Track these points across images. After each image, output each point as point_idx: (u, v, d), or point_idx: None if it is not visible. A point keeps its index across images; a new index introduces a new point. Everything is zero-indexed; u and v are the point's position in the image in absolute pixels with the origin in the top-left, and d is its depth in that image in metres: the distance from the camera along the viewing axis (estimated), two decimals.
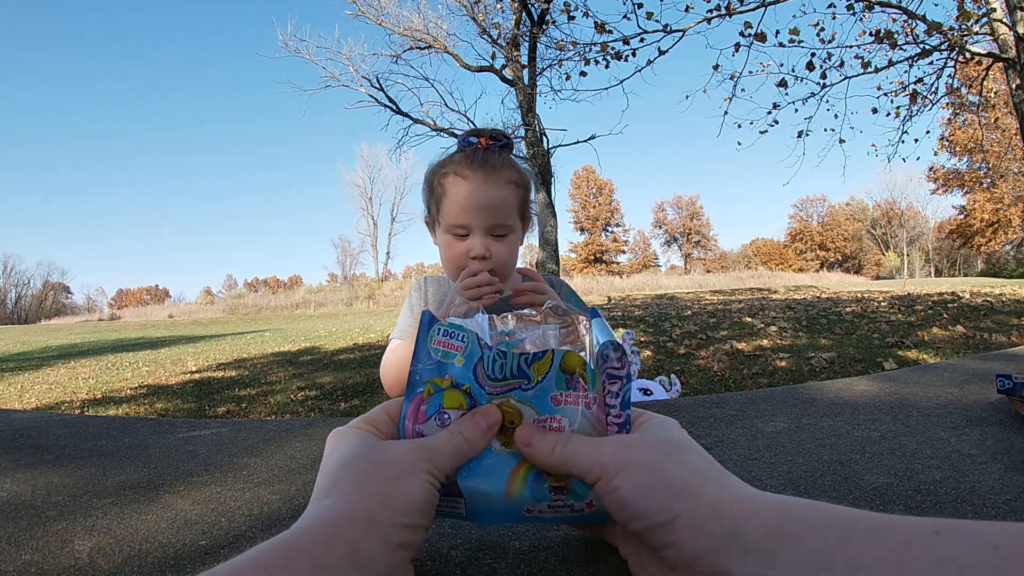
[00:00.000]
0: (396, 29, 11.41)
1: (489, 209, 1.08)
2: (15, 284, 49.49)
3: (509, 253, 1.13)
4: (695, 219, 52.84)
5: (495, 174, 1.09)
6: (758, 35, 6.24)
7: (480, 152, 1.11)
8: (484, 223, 1.09)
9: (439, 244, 1.17)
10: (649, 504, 0.34)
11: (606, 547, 0.52)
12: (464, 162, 1.10)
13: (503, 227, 1.10)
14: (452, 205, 1.10)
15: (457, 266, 1.12)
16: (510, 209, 1.11)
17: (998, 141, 24.18)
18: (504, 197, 1.10)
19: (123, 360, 7.52)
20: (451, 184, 1.10)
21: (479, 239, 1.09)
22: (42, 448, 0.98)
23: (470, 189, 1.08)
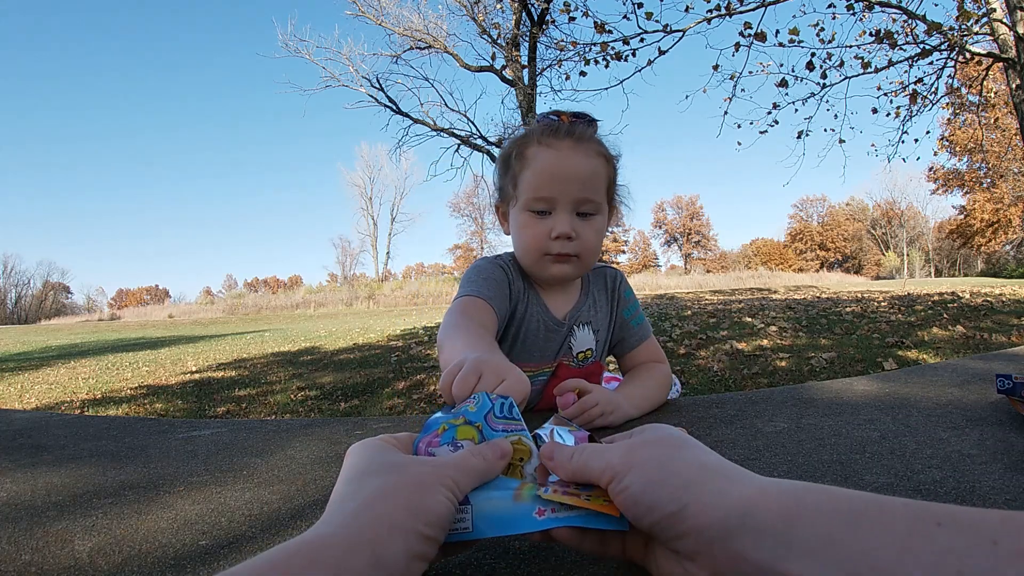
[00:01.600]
0: (396, 29, 11.41)
1: (578, 180, 0.94)
2: (15, 284, 49.50)
3: (597, 237, 0.98)
4: (695, 219, 52.84)
5: (584, 143, 0.96)
6: (758, 35, 6.24)
7: (565, 124, 0.98)
8: (571, 196, 0.94)
9: (514, 226, 1.02)
10: (658, 497, 0.35)
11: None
12: (548, 131, 0.97)
13: (591, 203, 0.96)
14: (535, 176, 0.95)
15: (537, 249, 0.97)
16: (600, 184, 0.97)
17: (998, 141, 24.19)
18: (594, 168, 0.96)
19: (123, 360, 7.52)
20: (534, 154, 0.96)
21: (565, 216, 0.94)
22: (42, 448, 0.99)
23: (556, 156, 0.94)
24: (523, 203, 0.97)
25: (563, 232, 0.94)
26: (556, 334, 1.06)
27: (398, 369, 5.15)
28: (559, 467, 0.43)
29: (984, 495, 0.58)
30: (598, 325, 1.11)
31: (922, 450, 0.72)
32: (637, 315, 1.14)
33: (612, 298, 1.13)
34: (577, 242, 0.96)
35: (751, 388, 3.74)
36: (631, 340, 1.13)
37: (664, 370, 1.08)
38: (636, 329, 1.13)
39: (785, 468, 0.68)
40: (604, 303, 1.12)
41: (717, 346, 5.07)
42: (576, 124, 0.98)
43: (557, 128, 0.97)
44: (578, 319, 1.08)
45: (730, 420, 0.91)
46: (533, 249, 0.98)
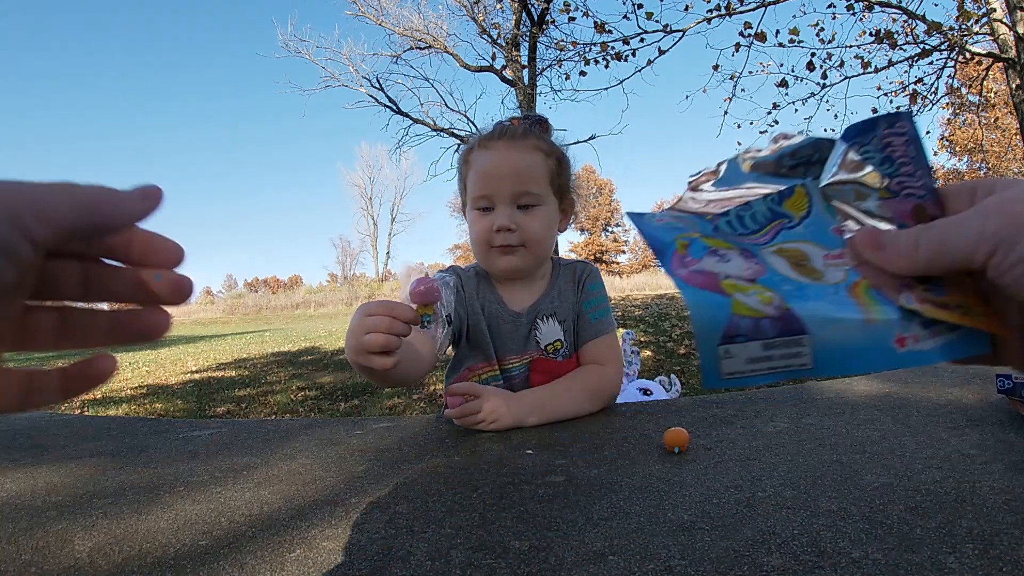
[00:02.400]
0: (396, 29, 11.41)
1: (512, 175, 1.00)
2: None
3: (540, 226, 1.03)
4: None
5: (518, 140, 1.03)
6: (758, 35, 6.25)
7: (505, 126, 1.06)
8: (508, 191, 1.00)
9: (468, 225, 1.09)
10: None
11: (607, 547, 0.52)
12: (488, 135, 1.05)
13: (529, 195, 1.01)
14: (475, 176, 1.03)
15: (483, 243, 1.03)
16: (537, 175, 1.02)
17: (998, 141, 24.20)
18: (529, 162, 1.01)
19: (123, 360, 7.52)
20: (475, 157, 1.04)
21: (504, 209, 1.00)
22: (42, 448, 0.99)
23: (491, 156, 1.02)
24: (470, 203, 1.05)
25: (502, 225, 1.00)
26: (518, 327, 1.09)
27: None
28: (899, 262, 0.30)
29: (984, 495, 0.58)
30: (563, 316, 1.10)
31: (922, 450, 0.72)
32: (597, 310, 1.11)
33: (577, 289, 1.13)
34: (519, 233, 1.01)
35: (751, 388, 3.74)
36: (584, 335, 1.10)
37: (603, 374, 1.04)
38: (592, 324, 1.10)
39: (785, 468, 0.68)
40: (570, 295, 1.12)
41: None
42: (513, 126, 1.05)
43: (493, 131, 1.05)
44: (540, 311, 1.10)
45: (730, 420, 0.91)
46: (480, 243, 1.04)
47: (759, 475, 0.67)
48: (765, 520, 0.55)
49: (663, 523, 0.56)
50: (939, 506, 0.56)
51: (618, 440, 0.83)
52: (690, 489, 0.64)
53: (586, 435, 0.87)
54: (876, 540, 0.50)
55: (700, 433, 0.84)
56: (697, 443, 0.79)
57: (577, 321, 1.11)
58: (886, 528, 0.52)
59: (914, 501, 0.58)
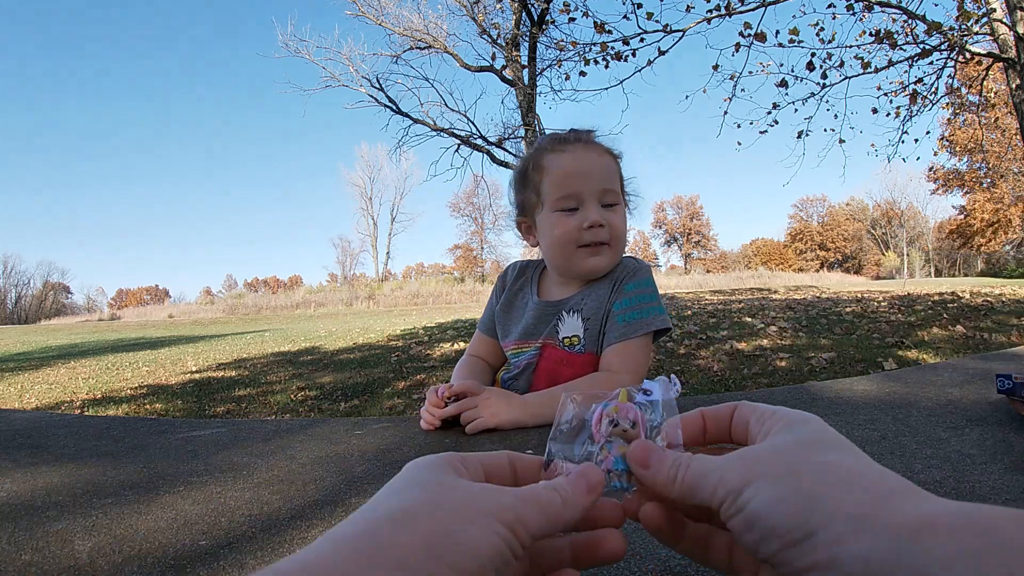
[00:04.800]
0: (396, 29, 11.41)
1: (597, 173, 1.01)
2: (15, 284, 49.52)
3: (624, 224, 1.05)
4: (695, 219, 52.85)
5: (592, 144, 1.05)
6: (758, 35, 6.25)
7: (567, 132, 1.08)
8: (595, 188, 1.01)
9: (543, 231, 1.07)
10: (779, 520, 0.27)
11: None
12: (560, 139, 1.06)
13: (613, 193, 1.03)
14: (557, 178, 1.02)
15: (570, 241, 1.02)
16: (615, 177, 1.05)
17: (998, 141, 24.20)
18: (608, 162, 1.04)
19: (123, 360, 7.52)
20: (551, 160, 1.04)
21: (593, 206, 1.00)
22: (42, 448, 0.99)
23: (572, 156, 1.02)
24: (550, 205, 1.03)
25: (595, 221, 1.00)
26: (545, 315, 1.10)
27: (398, 369, 5.15)
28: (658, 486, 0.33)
29: (984, 495, 0.58)
30: (588, 313, 1.07)
31: (922, 450, 0.72)
32: (630, 311, 1.04)
33: (612, 288, 1.08)
34: (608, 229, 1.02)
35: (751, 388, 3.74)
36: (609, 336, 1.03)
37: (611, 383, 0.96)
38: (618, 326, 1.03)
39: None
40: (604, 292, 1.08)
41: (717, 346, 5.06)
42: (576, 131, 1.08)
43: (564, 137, 1.06)
44: (568, 305, 1.09)
45: None
46: (567, 244, 1.03)
47: None
48: None
49: None
50: None
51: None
52: None
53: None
54: None
55: None
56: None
57: (605, 320, 1.06)
58: None
59: None
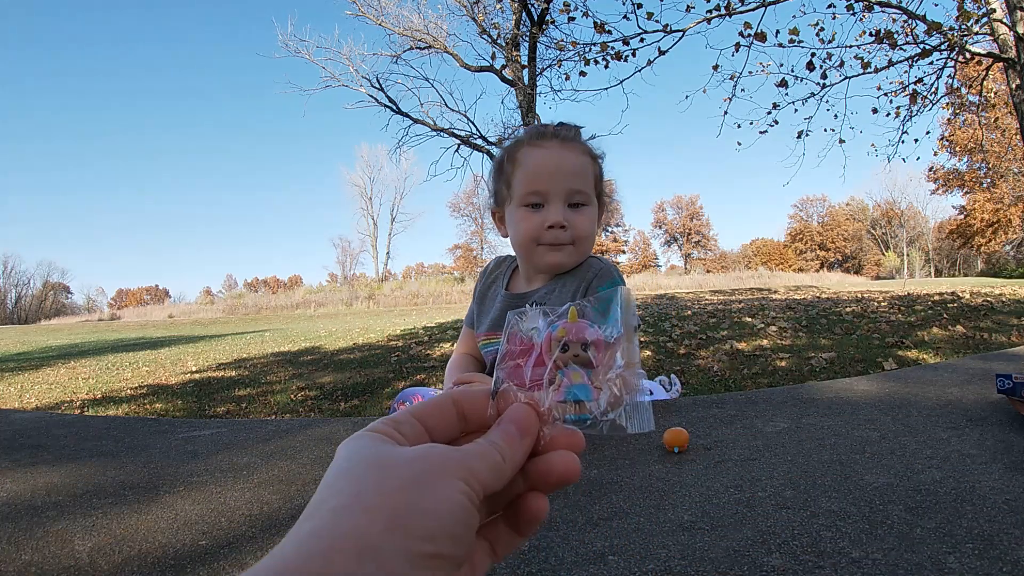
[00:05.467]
0: (396, 29, 11.41)
1: (567, 173, 1.00)
2: (15, 284, 49.53)
3: (590, 225, 1.04)
4: (695, 219, 52.83)
5: (570, 142, 1.04)
6: (758, 35, 6.25)
7: (551, 126, 1.07)
8: (562, 188, 1.01)
9: (510, 224, 1.08)
10: None
11: (607, 547, 0.52)
12: (536, 133, 1.05)
13: (581, 194, 1.02)
14: (527, 173, 1.02)
15: (532, 239, 1.03)
16: (587, 176, 1.04)
17: (998, 141, 24.19)
18: (582, 164, 1.03)
19: (123, 360, 7.52)
20: (524, 155, 1.04)
21: (557, 206, 1.01)
22: (42, 448, 0.99)
23: (545, 154, 1.02)
24: (517, 199, 1.04)
25: (555, 221, 1.00)
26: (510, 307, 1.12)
27: (398, 369, 5.15)
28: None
29: (984, 495, 0.58)
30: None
31: (922, 450, 0.72)
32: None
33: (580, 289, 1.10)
34: (570, 230, 1.02)
35: (751, 388, 3.74)
36: None
37: None
38: None
39: (785, 468, 0.68)
40: (570, 290, 1.09)
41: (717, 346, 5.06)
42: (561, 127, 1.06)
43: (544, 131, 1.05)
44: (534, 299, 1.09)
45: (730, 420, 0.90)
46: (529, 240, 1.04)
47: (759, 475, 0.67)
48: (765, 520, 0.55)
49: (663, 523, 0.56)
50: (939, 506, 0.56)
51: (618, 440, 0.83)
52: (690, 489, 0.64)
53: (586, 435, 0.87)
54: (876, 540, 0.50)
55: (700, 433, 0.84)
56: (697, 443, 0.79)
57: None
58: (886, 528, 0.52)
59: (914, 501, 0.58)
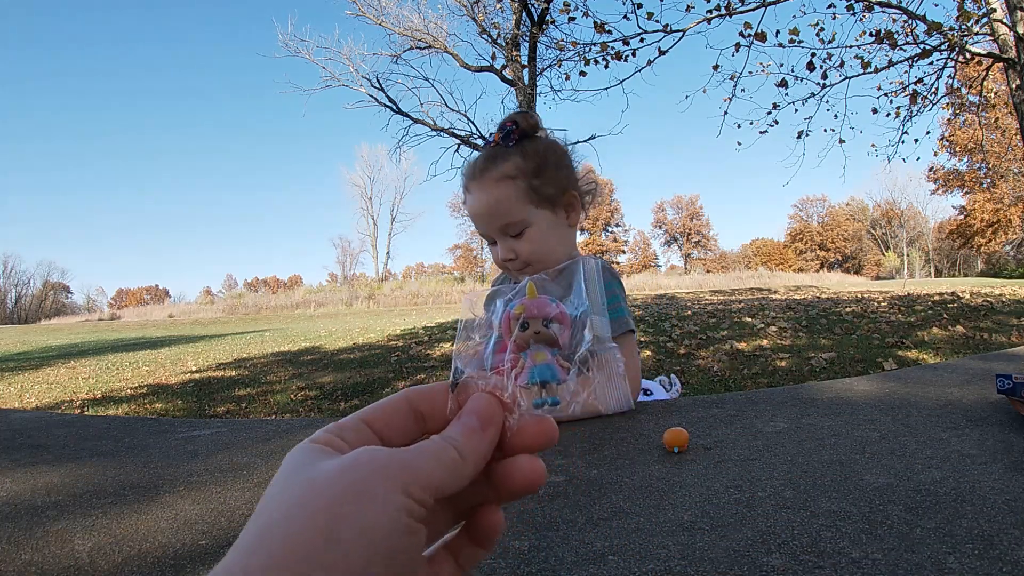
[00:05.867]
0: (396, 29, 11.41)
1: (487, 215, 1.07)
2: (15, 284, 49.53)
3: (535, 246, 1.08)
4: (695, 219, 52.85)
5: (483, 176, 1.07)
6: (758, 35, 6.25)
7: (477, 158, 1.11)
8: (494, 227, 1.08)
9: None
10: None
11: (607, 547, 0.52)
12: (465, 174, 1.12)
13: (512, 225, 1.07)
14: (471, 218, 1.13)
15: (502, 267, 1.15)
16: (512, 205, 1.06)
17: (998, 141, 24.19)
18: (497, 197, 1.06)
19: (123, 360, 7.52)
20: (466, 199, 1.14)
21: (500, 242, 1.09)
22: (42, 448, 0.99)
23: (472, 199, 1.10)
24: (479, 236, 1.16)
25: (504, 257, 1.08)
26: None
27: (398, 369, 5.15)
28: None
29: (984, 495, 0.58)
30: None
31: (922, 450, 0.72)
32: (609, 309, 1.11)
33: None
34: (519, 259, 1.08)
35: (751, 388, 3.74)
36: None
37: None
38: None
39: (785, 468, 0.68)
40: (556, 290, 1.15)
41: (717, 346, 5.06)
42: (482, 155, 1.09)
43: (467, 171, 1.11)
44: None
45: (730, 420, 0.90)
46: (501, 268, 1.16)
47: (759, 475, 0.67)
48: (765, 520, 0.55)
49: (663, 523, 0.56)
50: (939, 506, 0.56)
51: (618, 440, 0.83)
52: (690, 489, 0.64)
53: (586, 435, 0.87)
54: (876, 540, 0.50)
55: (700, 433, 0.84)
56: (697, 443, 0.79)
57: None
58: (886, 528, 0.52)
59: (914, 501, 0.58)
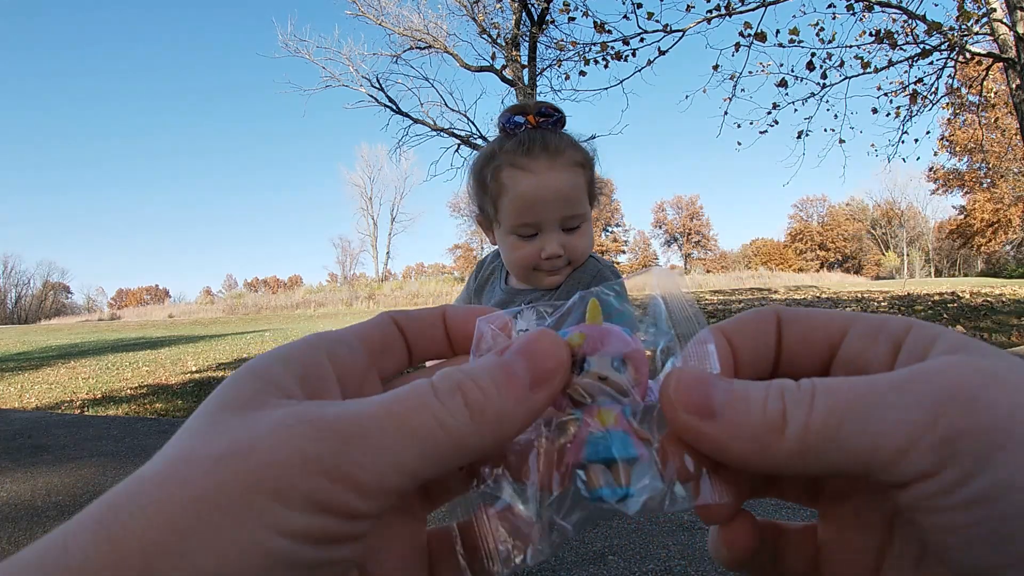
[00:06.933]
0: (396, 29, 11.42)
1: (560, 200, 0.93)
2: (15, 284, 49.55)
3: (586, 244, 0.99)
4: (695, 219, 52.87)
5: (559, 158, 0.93)
6: (758, 35, 6.25)
7: (535, 135, 0.94)
8: (556, 216, 0.94)
9: (501, 246, 1.02)
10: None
11: (607, 547, 0.52)
12: (519, 150, 0.93)
13: (577, 218, 0.95)
14: (515, 202, 0.94)
15: (527, 267, 0.98)
16: (581, 195, 0.96)
17: (998, 141, 24.21)
18: (574, 183, 0.94)
19: (123, 360, 7.52)
20: (509, 178, 0.94)
21: (553, 236, 0.95)
22: (42, 448, 0.99)
23: (534, 182, 0.92)
24: (508, 227, 0.96)
25: (553, 252, 0.94)
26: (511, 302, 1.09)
27: None
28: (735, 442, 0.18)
29: None
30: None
31: None
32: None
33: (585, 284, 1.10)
34: (567, 255, 0.97)
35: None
36: None
37: None
38: None
39: None
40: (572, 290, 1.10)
41: None
42: (547, 133, 0.94)
43: (529, 146, 0.93)
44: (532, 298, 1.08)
45: None
46: (524, 267, 0.98)
47: None
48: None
49: (663, 523, 0.56)
50: None
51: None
52: None
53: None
54: None
55: None
56: None
57: None
58: None
59: None
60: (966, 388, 0.17)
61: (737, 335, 0.22)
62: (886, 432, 0.16)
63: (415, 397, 0.17)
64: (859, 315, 0.22)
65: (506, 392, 0.18)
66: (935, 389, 0.17)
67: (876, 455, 0.17)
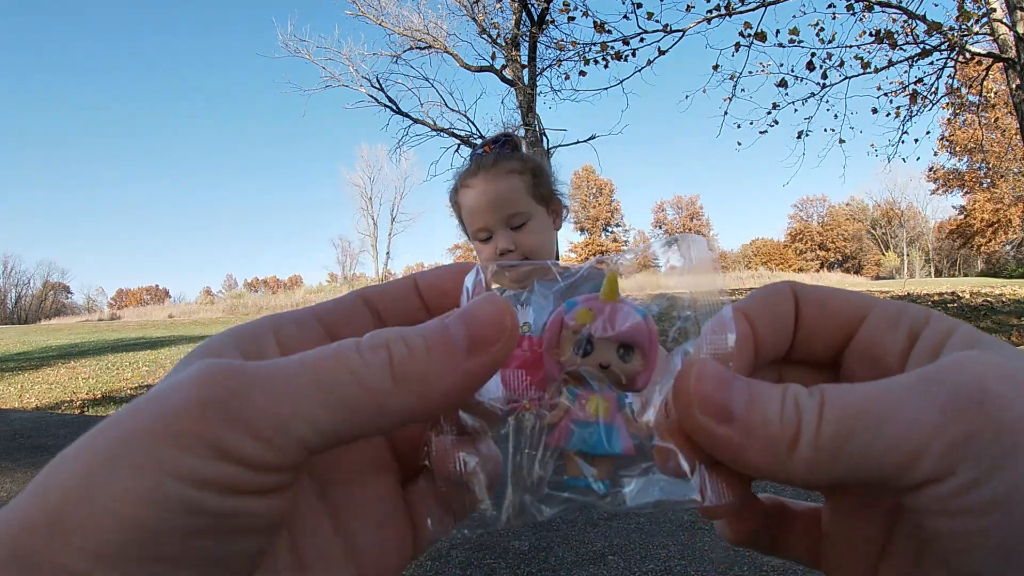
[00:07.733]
0: (396, 29, 11.43)
1: (497, 203, 1.12)
2: (15, 284, 49.56)
3: (536, 238, 1.15)
4: (695, 219, 52.86)
5: (493, 169, 1.14)
6: (758, 35, 6.25)
7: (482, 159, 1.17)
8: (498, 217, 1.12)
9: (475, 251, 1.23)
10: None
11: (607, 547, 0.52)
12: (467, 173, 1.18)
13: (518, 216, 1.13)
14: (468, 215, 1.17)
15: None
16: (519, 196, 1.14)
17: (998, 141, 24.21)
18: (509, 186, 1.13)
19: (123, 360, 7.52)
20: (462, 197, 1.18)
21: (501, 234, 1.13)
22: (42, 448, 0.99)
23: (475, 193, 1.15)
24: (471, 236, 1.19)
25: (503, 248, 1.11)
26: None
27: None
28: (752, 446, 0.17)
29: None
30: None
31: None
32: None
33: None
34: (519, 250, 1.12)
35: None
36: None
37: None
38: None
39: None
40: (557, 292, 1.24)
41: None
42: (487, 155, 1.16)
43: (470, 168, 1.17)
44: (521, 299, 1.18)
45: None
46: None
47: None
48: None
49: (663, 523, 0.56)
50: None
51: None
52: None
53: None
54: None
55: None
56: None
57: None
58: None
59: None
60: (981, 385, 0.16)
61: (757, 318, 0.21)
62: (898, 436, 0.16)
63: (335, 351, 0.17)
64: (878, 300, 0.21)
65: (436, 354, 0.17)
66: (949, 387, 0.16)
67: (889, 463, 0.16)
